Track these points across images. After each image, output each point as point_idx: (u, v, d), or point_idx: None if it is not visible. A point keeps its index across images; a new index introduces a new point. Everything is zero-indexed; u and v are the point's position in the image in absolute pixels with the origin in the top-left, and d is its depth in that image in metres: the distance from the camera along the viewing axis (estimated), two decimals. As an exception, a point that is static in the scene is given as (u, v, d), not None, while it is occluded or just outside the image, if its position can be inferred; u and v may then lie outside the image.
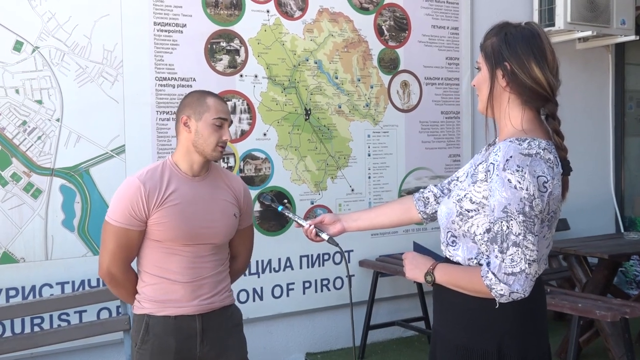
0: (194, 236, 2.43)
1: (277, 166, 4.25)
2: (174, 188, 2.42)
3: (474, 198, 1.82)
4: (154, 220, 2.39)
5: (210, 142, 2.43)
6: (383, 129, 4.64)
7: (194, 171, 2.48)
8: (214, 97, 2.49)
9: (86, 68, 3.65)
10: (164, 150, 3.83)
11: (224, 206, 2.53)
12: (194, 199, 2.45)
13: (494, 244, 1.74)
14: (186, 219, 2.42)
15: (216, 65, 4.03)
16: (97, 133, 3.68)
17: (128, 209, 2.37)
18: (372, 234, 4.58)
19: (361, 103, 4.54)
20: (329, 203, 4.44)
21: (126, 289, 2.49)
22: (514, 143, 1.74)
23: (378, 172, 4.63)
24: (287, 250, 4.31)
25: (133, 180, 2.40)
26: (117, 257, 2.41)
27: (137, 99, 3.79)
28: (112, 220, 2.39)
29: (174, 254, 2.43)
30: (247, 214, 2.67)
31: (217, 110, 2.44)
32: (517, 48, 1.82)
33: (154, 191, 2.38)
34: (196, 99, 2.48)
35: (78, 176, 3.63)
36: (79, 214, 3.64)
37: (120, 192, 2.42)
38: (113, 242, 2.40)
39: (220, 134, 2.45)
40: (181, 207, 2.41)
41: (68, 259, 3.62)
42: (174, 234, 2.40)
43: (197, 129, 2.44)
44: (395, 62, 4.68)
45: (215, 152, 2.44)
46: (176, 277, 2.43)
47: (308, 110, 4.34)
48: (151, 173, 2.43)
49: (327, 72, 4.40)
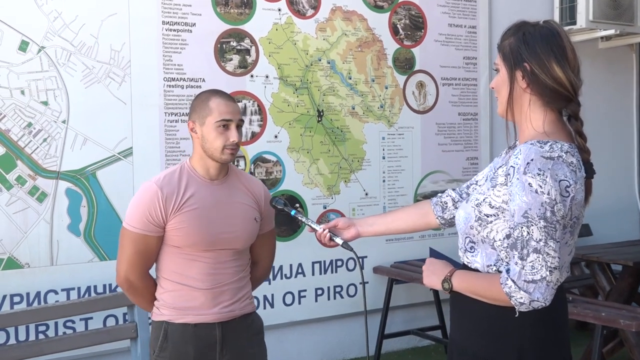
0: (214, 242, 2.44)
1: (289, 169, 4.25)
2: (192, 192, 2.43)
3: (493, 202, 1.81)
4: (172, 225, 2.40)
5: (217, 146, 2.42)
6: (398, 131, 4.63)
7: (211, 175, 2.48)
8: (218, 98, 2.46)
9: (93, 68, 3.67)
10: (173, 153, 3.85)
11: (244, 210, 2.53)
12: (212, 203, 2.45)
13: (514, 250, 1.73)
14: (205, 224, 2.42)
15: (226, 65, 4.04)
16: (104, 135, 3.69)
17: (145, 215, 2.38)
18: (386, 239, 4.58)
19: (375, 104, 4.54)
20: (342, 207, 4.44)
21: (144, 296, 2.50)
22: (535, 146, 1.73)
23: (393, 175, 4.62)
24: (299, 256, 4.31)
25: (150, 185, 2.41)
26: (135, 264, 2.42)
27: (145, 100, 3.80)
28: (130, 226, 2.40)
29: (194, 260, 2.44)
30: (269, 218, 2.67)
31: (220, 112, 2.43)
32: (537, 48, 1.81)
33: (171, 196, 2.39)
34: (200, 102, 2.48)
35: (84, 179, 3.65)
36: (85, 218, 3.66)
37: (137, 198, 2.43)
38: (131, 248, 2.41)
39: (226, 136, 2.43)
40: (200, 212, 2.42)
41: (74, 265, 3.63)
42: (193, 240, 2.41)
43: (202, 134, 2.44)
44: (411, 62, 4.67)
45: (224, 154, 2.44)
46: (196, 283, 2.44)
47: (321, 111, 4.34)
48: (169, 177, 2.44)
49: (340, 73, 4.41)
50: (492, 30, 4.96)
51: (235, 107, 2.48)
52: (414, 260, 4.61)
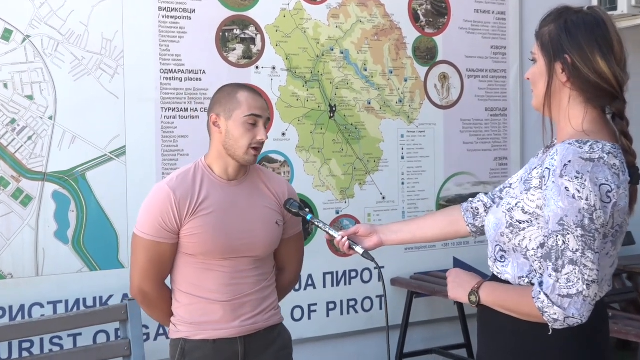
0: (232, 249, 2.45)
1: (298, 170, 4.26)
2: (207, 194, 2.45)
3: (526, 207, 1.81)
4: (187, 231, 2.42)
5: (242, 144, 2.44)
6: (419, 128, 4.64)
7: (230, 175, 2.50)
8: (247, 91, 2.50)
9: (82, 59, 3.69)
10: (170, 152, 3.86)
11: (265, 213, 2.55)
12: (230, 206, 2.47)
13: (548, 261, 1.73)
14: (221, 230, 2.44)
15: (229, 55, 4.05)
16: (94, 133, 3.71)
17: (158, 220, 2.40)
18: (406, 248, 4.57)
19: (394, 98, 4.54)
20: (357, 213, 4.44)
21: (161, 308, 2.52)
22: (574, 146, 1.73)
23: (413, 177, 4.63)
24: (309, 267, 4.30)
25: (162, 187, 2.44)
26: (149, 274, 2.45)
27: (139, 94, 3.82)
28: (141, 232, 2.42)
29: (210, 269, 2.45)
30: (294, 221, 2.69)
31: (250, 106, 2.45)
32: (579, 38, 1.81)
33: (185, 198, 2.41)
34: (226, 94, 2.50)
35: (73, 181, 3.67)
36: (74, 224, 3.67)
37: (148, 202, 2.46)
38: (144, 256, 2.44)
39: (253, 133, 2.45)
40: (215, 216, 2.44)
41: (61, 275, 3.65)
42: (208, 247, 2.43)
43: (227, 128, 2.46)
44: (433, 52, 4.67)
45: (248, 155, 2.45)
46: (214, 295, 2.45)
47: (333, 106, 4.35)
48: (182, 178, 2.46)
49: (354, 64, 4.41)
50: (523, 17, 4.95)
51: (264, 103, 2.52)
52: (436, 272, 4.60)
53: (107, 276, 3.71)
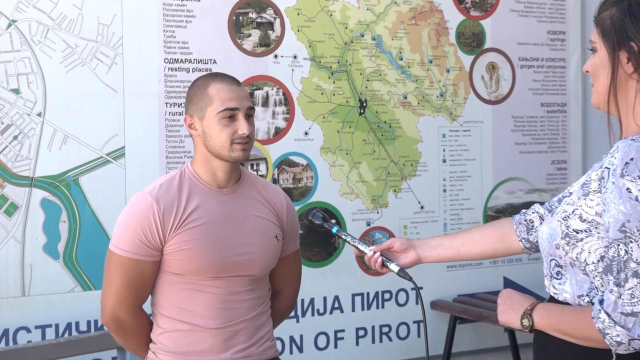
0: (225, 266, 2.46)
1: (322, 175, 4.26)
2: (197, 204, 2.46)
3: (584, 215, 1.81)
4: (172, 247, 2.42)
5: (223, 141, 2.45)
6: (463, 126, 4.63)
7: (220, 181, 2.51)
8: (220, 81, 2.50)
9: (76, 47, 3.72)
10: (175, 154, 3.88)
11: (262, 225, 2.55)
12: (222, 217, 2.48)
13: (609, 274, 1.72)
14: (213, 244, 2.44)
15: (243, 43, 4.07)
16: (89, 132, 3.73)
17: (138, 234, 2.40)
18: (447, 266, 4.56)
19: (434, 92, 4.54)
20: (391, 224, 4.44)
21: (137, 337, 2.52)
22: (637, 142, 1.73)
23: (456, 183, 4.62)
24: (336, 287, 4.31)
25: (143, 196, 2.44)
26: (125, 297, 2.44)
27: (141, 87, 3.84)
28: (118, 249, 2.43)
29: (199, 290, 2.45)
30: (292, 236, 2.70)
31: (222, 99, 2.46)
32: None
33: (170, 209, 2.42)
34: (197, 90, 2.52)
35: (64, 187, 3.69)
36: (65, 236, 3.70)
37: (127, 213, 2.47)
38: (119, 277, 2.43)
39: (233, 128, 2.45)
40: (206, 229, 2.44)
41: (50, 295, 3.67)
42: (198, 265, 2.43)
43: (203, 129, 2.48)
44: (480, 38, 4.67)
45: (234, 151, 2.45)
46: (203, 321, 2.45)
47: (363, 101, 4.35)
48: (166, 186, 2.47)
49: (388, 52, 4.42)
50: (585, -3, 4.94)
51: (241, 92, 2.51)
52: (483, 293, 4.58)
53: None
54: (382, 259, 2.36)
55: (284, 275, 2.71)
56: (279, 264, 2.65)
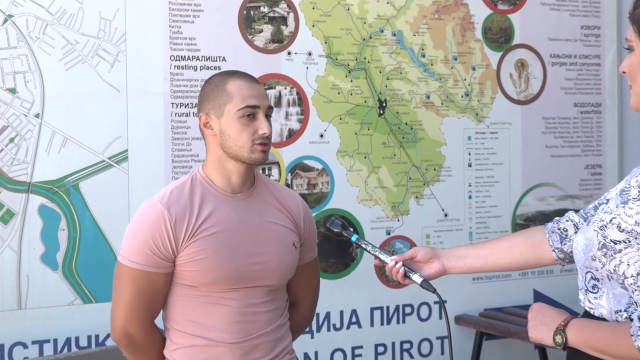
0: (241, 277, 2.47)
1: (339, 181, 4.26)
2: (210, 211, 2.47)
3: (623, 224, 1.80)
4: (185, 257, 2.43)
5: (243, 143, 2.46)
6: (490, 128, 4.62)
7: (234, 186, 2.52)
8: (238, 78, 2.52)
9: (76, 44, 3.73)
10: (182, 158, 3.89)
11: (279, 232, 2.57)
12: (236, 224, 2.49)
13: (650, 288, 1.73)
14: (229, 253, 2.45)
15: (254, 39, 4.08)
16: (90, 134, 3.74)
17: (148, 245, 2.41)
18: (474, 278, 4.55)
19: (459, 92, 4.54)
20: (413, 233, 4.43)
21: (149, 354, 2.52)
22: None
23: (483, 189, 4.61)
24: (353, 300, 4.30)
25: (153, 204, 2.46)
26: (135, 312, 2.45)
27: (145, 86, 3.85)
28: (128, 260, 2.44)
29: (215, 303, 2.46)
30: (310, 243, 2.71)
31: (243, 96, 2.47)
32: None
33: (182, 217, 2.43)
34: (214, 87, 2.53)
35: (64, 193, 3.70)
36: (65, 245, 3.70)
37: (137, 222, 2.47)
38: (130, 290, 2.44)
39: (253, 127, 2.47)
40: (221, 237, 2.45)
41: (48, 309, 3.68)
42: (213, 276, 2.44)
43: (221, 128, 2.49)
44: (508, 34, 4.66)
45: (254, 152, 2.47)
46: (219, 336, 2.46)
47: (383, 101, 4.35)
48: (177, 193, 2.48)
49: (410, 48, 4.41)
50: (621, -11, 4.93)
51: (261, 90, 2.54)
52: (512, 307, 4.57)
53: (105, 310, 3.65)
54: (404, 269, 2.36)
55: (302, 284, 2.72)
56: (296, 273, 2.66)
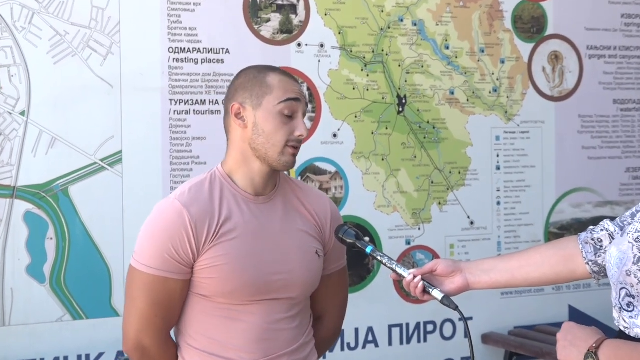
0: (263, 287, 2.47)
1: (354, 185, 4.27)
2: (229, 213, 2.47)
3: (661, 236, 1.81)
4: (204, 263, 2.43)
5: (277, 141, 2.46)
6: (521, 127, 4.62)
7: (257, 187, 2.53)
8: (280, 73, 2.54)
9: (66, 35, 3.73)
10: (181, 160, 3.89)
11: (301, 240, 2.57)
12: (259, 229, 2.49)
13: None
14: (250, 261, 2.46)
15: (261, 29, 4.09)
16: (81, 133, 3.75)
17: (167, 248, 2.41)
18: (502, 292, 4.54)
19: (486, 87, 4.54)
20: (435, 243, 4.44)
21: None
22: None
23: (512, 194, 4.61)
24: (369, 317, 4.31)
25: (170, 203, 2.46)
26: (151, 322, 2.46)
27: (141, 81, 3.86)
28: (143, 265, 2.44)
29: (235, 319, 2.47)
30: (337, 251, 2.71)
31: (285, 89, 2.49)
32: None
33: (204, 218, 2.43)
34: (252, 77, 2.53)
35: (52, 199, 3.71)
36: (53, 256, 3.71)
37: (152, 223, 2.48)
38: (144, 298, 2.44)
39: (291, 127, 2.48)
40: (241, 243, 2.46)
41: (35, 325, 3.68)
42: (233, 285, 2.44)
43: (255, 121, 2.48)
44: (541, 23, 4.66)
45: (285, 155, 2.47)
46: (238, 355, 2.46)
47: (402, 98, 4.35)
48: (196, 190, 2.49)
49: (432, 39, 4.42)
50: (666, -26, 4.92)
51: (300, 88, 2.55)
52: (544, 325, 4.57)
53: (97, 327, 3.75)
54: (424, 284, 2.36)
55: (328, 297, 2.71)
56: (321, 285, 2.65)
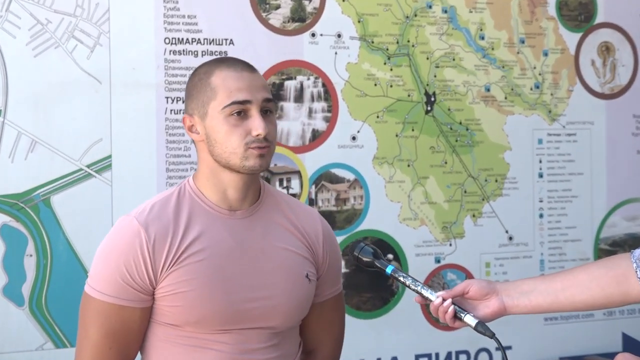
0: (236, 316, 2.46)
1: (376, 195, 4.27)
2: (199, 232, 2.47)
3: None
4: (166, 289, 2.43)
5: (234, 147, 2.45)
6: (566, 128, 4.62)
7: (231, 201, 2.53)
8: (226, 68, 2.51)
9: (48, 24, 3.74)
10: (179, 166, 3.90)
11: (288, 260, 2.56)
12: (233, 249, 2.49)
13: None
14: (220, 286, 2.45)
15: (269, 17, 4.09)
16: (64, 136, 3.75)
17: (120, 272, 2.41)
18: (545, 318, 4.54)
19: (527, 83, 4.54)
20: (468, 261, 4.44)
21: None
22: None
23: (557, 206, 4.60)
24: (393, 345, 4.30)
25: (128, 221, 2.47)
26: (105, 355, 2.46)
27: (133, 76, 3.86)
28: (95, 291, 2.45)
29: (202, 347, 2.47)
30: (332, 275, 2.71)
31: (228, 90, 2.46)
32: None
33: (163, 239, 2.44)
34: (197, 81, 2.54)
35: (32, 210, 3.72)
36: (32, 275, 3.72)
37: (108, 244, 2.49)
38: (98, 328, 2.44)
39: (245, 128, 2.45)
40: (211, 265, 2.45)
41: (13, 355, 3.69)
42: (201, 313, 2.43)
43: (206, 132, 2.50)
44: (589, 10, 4.66)
45: (249, 159, 2.45)
46: None
47: (431, 95, 4.35)
48: (159, 208, 2.49)
49: (465, 29, 4.42)
50: None
51: (253, 79, 2.51)
52: (595, 356, 4.56)
53: None
54: (455, 308, 2.36)
55: (321, 327, 2.71)
56: (314, 313, 2.65)
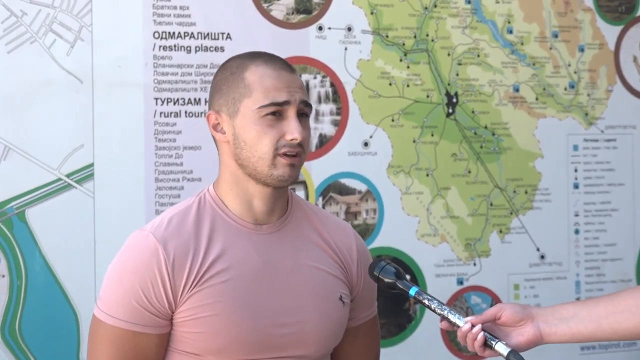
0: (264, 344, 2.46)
1: (390, 208, 4.26)
2: (222, 249, 2.46)
3: None
4: (186, 313, 2.42)
5: (263, 152, 2.42)
6: (605, 133, 4.61)
7: (257, 215, 2.51)
8: (263, 64, 2.50)
9: (23, 16, 3.75)
10: (169, 176, 3.88)
11: (320, 281, 2.55)
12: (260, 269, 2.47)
13: None
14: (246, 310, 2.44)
15: (271, 8, 4.09)
16: (41, 142, 3.76)
17: (136, 294, 2.40)
18: (582, 347, 4.52)
19: (561, 82, 4.53)
20: (495, 283, 4.43)
21: None
22: None
23: (595, 221, 4.59)
24: (411, 377, 4.30)
25: (143, 237, 2.45)
26: None
27: (118, 75, 3.87)
28: (107, 316, 2.43)
29: None
30: (367, 297, 2.71)
31: (266, 89, 2.44)
32: None
33: (184, 257, 2.42)
34: (229, 75, 2.52)
35: (4, 225, 3.71)
36: (5, 298, 3.71)
37: (121, 262, 2.47)
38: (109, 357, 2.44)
39: (279, 130, 2.43)
40: (236, 286, 2.44)
41: (-17, 387, 3.71)
42: (224, 341, 2.43)
43: (235, 132, 2.47)
44: (631, 0, 4.64)
45: (277, 168, 2.43)
46: None
47: (453, 96, 4.35)
48: (178, 221, 2.48)
49: (491, 21, 4.41)
50: None
51: (293, 80, 2.50)
52: (637, 389, 4.56)
53: None
54: (484, 335, 2.35)
55: (356, 353, 2.71)
56: (347, 338, 2.65)
